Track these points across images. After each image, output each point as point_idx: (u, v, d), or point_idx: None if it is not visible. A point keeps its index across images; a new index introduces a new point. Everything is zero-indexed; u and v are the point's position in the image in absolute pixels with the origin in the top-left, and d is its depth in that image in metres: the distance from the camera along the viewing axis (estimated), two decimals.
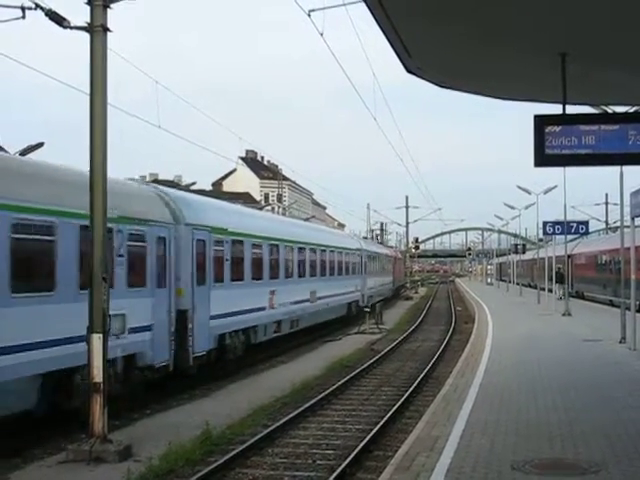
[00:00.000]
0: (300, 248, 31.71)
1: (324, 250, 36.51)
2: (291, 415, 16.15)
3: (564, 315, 37.38)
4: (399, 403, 17.43)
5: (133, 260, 17.23)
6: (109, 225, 14.23)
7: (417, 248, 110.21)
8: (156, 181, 64.18)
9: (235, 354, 23.10)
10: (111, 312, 13.58)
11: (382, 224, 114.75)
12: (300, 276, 31.64)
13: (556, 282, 48.70)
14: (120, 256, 16.54)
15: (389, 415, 16.07)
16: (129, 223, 17.05)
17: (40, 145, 22.84)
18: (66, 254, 14.55)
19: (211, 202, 26.02)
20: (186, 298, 19.60)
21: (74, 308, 14.04)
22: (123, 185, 18.67)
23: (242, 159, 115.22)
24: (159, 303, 18.29)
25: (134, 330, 16.84)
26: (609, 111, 16.00)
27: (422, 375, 21.83)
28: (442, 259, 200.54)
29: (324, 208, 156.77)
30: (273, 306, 27.03)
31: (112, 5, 13.31)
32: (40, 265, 14.40)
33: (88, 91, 13.36)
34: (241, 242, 24.20)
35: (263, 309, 25.95)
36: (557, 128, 11.23)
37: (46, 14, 13.00)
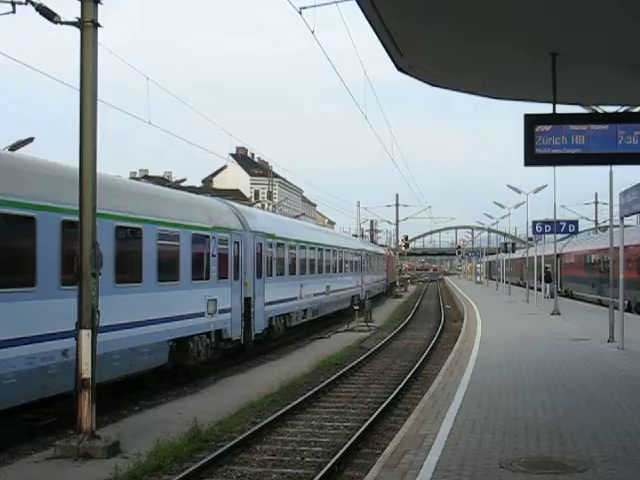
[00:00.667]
0: (319, 249, 37.86)
1: (335, 251, 42.51)
2: (279, 412, 16.15)
3: (553, 314, 37.45)
4: (387, 401, 17.45)
5: (220, 259, 22.73)
6: (207, 233, 21.62)
7: (407, 246, 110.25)
8: (146, 177, 64.06)
9: (278, 334, 29.06)
10: (208, 298, 21.35)
11: (372, 222, 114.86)
12: (319, 273, 37.54)
13: (546, 281, 49.11)
14: (213, 256, 22.10)
15: (377, 413, 16.08)
16: (219, 232, 22.77)
17: (30, 140, 22.77)
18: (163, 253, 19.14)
19: (263, 213, 34.81)
20: (250, 288, 25.28)
21: (185, 294, 20.25)
22: (213, 203, 24.99)
23: (232, 156, 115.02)
24: (235, 292, 23.96)
25: (221, 311, 22.51)
26: (599, 111, 16.04)
27: (411, 373, 21.87)
28: (432, 257, 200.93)
29: (314, 205, 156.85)
30: (302, 297, 32.94)
31: (102, 0, 13.28)
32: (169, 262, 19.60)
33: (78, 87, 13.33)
34: (282, 245, 30.22)
35: (295, 299, 31.87)
36: (547, 127, 11.26)
37: (36, 9, 12.96)
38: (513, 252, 73.68)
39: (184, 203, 21.77)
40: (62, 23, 13.23)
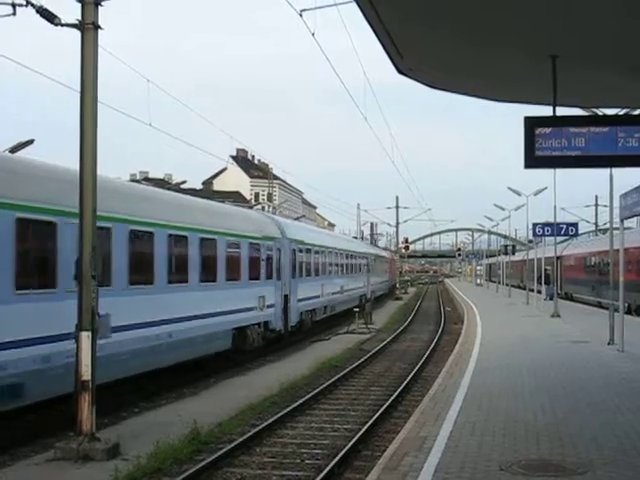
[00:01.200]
0: (335, 253, 43.08)
1: (348, 255, 48.00)
2: (279, 414, 16.15)
3: (553, 316, 37.44)
4: (387, 403, 17.45)
5: (267, 262, 27.69)
6: (258, 241, 26.77)
7: (407, 248, 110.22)
8: (147, 179, 64.09)
9: (307, 326, 34.03)
10: (259, 295, 26.36)
11: (372, 224, 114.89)
12: (335, 274, 42.62)
13: (540, 283, 49.26)
14: (262, 260, 27.11)
15: (377, 415, 16.08)
16: (266, 240, 27.76)
17: (30, 142, 22.77)
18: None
19: (295, 223, 41.47)
20: (287, 287, 30.18)
21: (245, 291, 25.22)
22: (261, 216, 31.42)
23: (233, 158, 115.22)
24: (277, 290, 28.92)
25: (268, 306, 27.44)
26: (599, 113, 16.05)
27: (411, 375, 21.87)
28: (432, 259, 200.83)
29: (314, 208, 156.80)
30: (323, 295, 37.80)
31: (103, 3, 13.28)
32: (234, 265, 24.47)
33: (79, 89, 13.33)
34: (309, 250, 35.26)
35: (319, 297, 36.86)
36: (547, 130, 11.27)
37: (37, 11, 12.96)
38: (513, 254, 73.68)
39: (243, 218, 27.54)
40: (63, 25, 13.23)
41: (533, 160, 11.32)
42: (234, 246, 24.29)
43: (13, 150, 20.85)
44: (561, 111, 12.23)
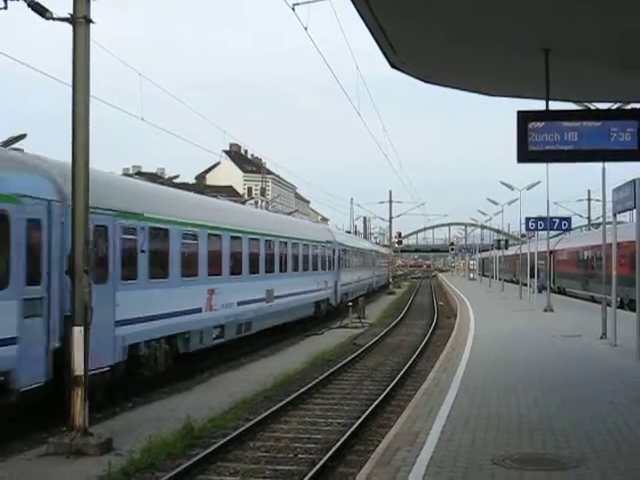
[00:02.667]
0: (357, 252, 56.07)
1: (363, 252, 61.30)
2: (273, 409, 16.15)
3: (546, 311, 37.52)
4: (380, 397, 17.46)
5: (328, 258, 41.10)
6: (323, 244, 40.47)
7: (400, 243, 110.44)
8: (139, 174, 63.91)
9: (345, 304, 42.19)
10: (325, 280, 39.43)
11: (365, 218, 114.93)
12: (357, 267, 54.85)
13: (532, 277, 49.57)
14: (326, 257, 40.29)
15: (370, 409, 16.09)
16: (327, 243, 41.34)
17: (22, 137, 22.67)
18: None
19: (339, 231, 62.72)
20: (336, 275, 42.71)
21: (320, 277, 38.42)
22: (322, 226, 51.22)
23: (226, 152, 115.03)
24: (332, 277, 41.78)
25: (328, 288, 40.31)
26: (591, 107, 16.05)
27: (404, 370, 21.89)
28: (425, 254, 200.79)
29: (307, 202, 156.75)
30: (352, 282, 50.22)
31: None
32: (315, 259, 38.07)
33: (70, 83, 13.30)
34: (346, 250, 48.92)
35: (351, 283, 49.61)
36: (540, 124, 11.27)
37: (28, 5, 12.92)
38: (506, 249, 73.78)
39: (314, 228, 44.06)
40: (54, 19, 13.20)
41: (526, 154, 11.32)
42: (312, 247, 37.23)
43: (5, 144, 20.76)
44: (554, 105, 12.24)
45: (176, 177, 41.29)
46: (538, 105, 12.82)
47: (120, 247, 17.08)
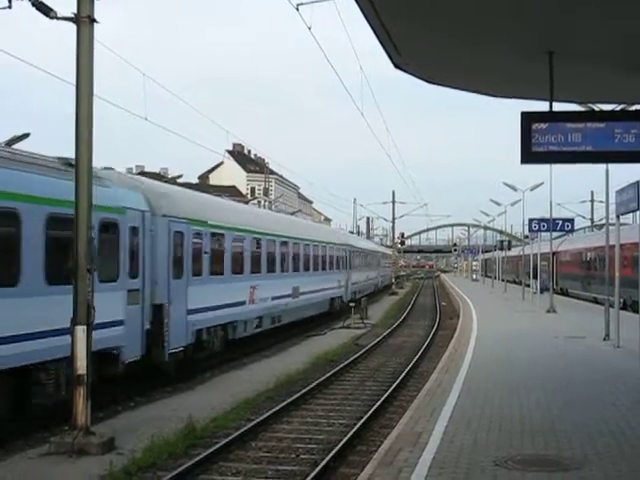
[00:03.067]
0: (364, 253, 59.82)
1: (374, 254, 68.46)
2: (275, 409, 16.14)
3: (549, 312, 37.50)
4: (383, 398, 17.45)
5: (342, 259, 44.90)
6: (337, 246, 44.08)
7: (403, 243, 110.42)
8: (142, 173, 63.93)
9: (354, 299, 44.40)
10: (337, 279, 42.55)
11: (368, 219, 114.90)
12: (365, 268, 58.93)
13: (533, 278, 49.82)
14: (340, 257, 43.53)
15: (373, 410, 16.08)
16: (341, 245, 44.81)
17: (26, 136, 22.71)
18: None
19: (352, 235, 72.12)
20: (347, 275, 46.50)
21: (330, 277, 41.52)
22: (339, 230, 66.28)
23: (229, 152, 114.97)
24: (344, 276, 45.16)
25: (340, 287, 43.35)
26: (595, 109, 16.03)
27: (406, 370, 21.87)
28: (428, 255, 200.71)
29: (310, 202, 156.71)
30: (360, 282, 54.10)
31: None
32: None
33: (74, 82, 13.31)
34: (357, 251, 54.34)
35: (359, 282, 53.21)
36: (544, 125, 11.26)
37: (33, 4, 12.93)
38: (509, 250, 73.72)
39: (330, 231, 50.54)
40: (58, 18, 13.21)
41: (529, 155, 11.31)
42: (329, 249, 40.76)
43: (9, 143, 20.78)
44: (558, 106, 12.22)
45: (179, 177, 41.40)
46: (542, 106, 12.79)
47: (191, 249, 20.81)
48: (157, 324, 18.43)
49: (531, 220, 40.22)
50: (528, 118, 11.30)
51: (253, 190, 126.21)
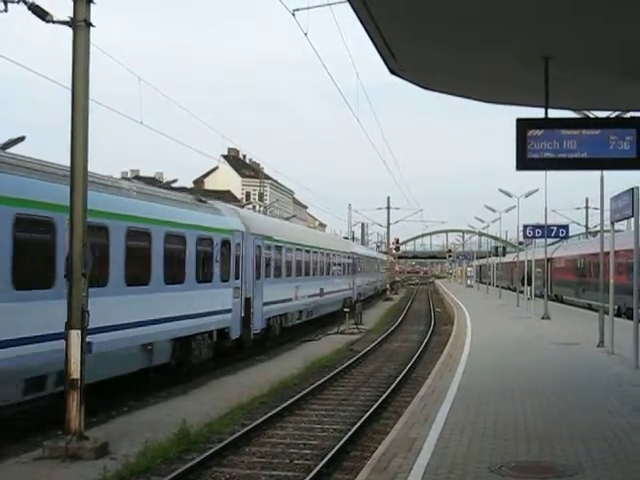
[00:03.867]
0: (367, 258, 67.34)
1: (371, 259, 72.99)
2: (269, 414, 16.13)
3: (543, 318, 37.52)
4: (377, 404, 17.44)
5: (350, 265, 52.16)
6: (347, 253, 51.72)
7: (397, 249, 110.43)
8: (137, 177, 63.93)
9: (360, 300, 53.06)
10: (347, 282, 50.44)
11: (363, 224, 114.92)
12: (367, 272, 66.03)
13: (527, 284, 50.84)
14: (349, 263, 51.71)
15: (367, 416, 16.07)
16: (349, 253, 52.89)
17: (21, 139, 22.68)
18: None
19: (356, 244, 76.36)
20: (353, 278, 52.72)
21: (344, 280, 49.91)
22: (346, 240, 69.98)
23: (224, 157, 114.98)
24: (351, 280, 51.65)
25: (350, 289, 50.91)
26: (590, 116, 16.06)
27: (401, 376, 21.87)
28: (422, 260, 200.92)
29: (305, 207, 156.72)
30: (363, 285, 59.90)
31: (95, 0, 13.24)
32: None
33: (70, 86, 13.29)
34: (361, 258, 59.69)
35: (362, 285, 59.24)
36: (539, 132, 11.28)
37: (29, 8, 12.91)
38: (504, 256, 73.78)
39: (344, 242, 57.47)
40: (54, 22, 13.19)
41: (525, 162, 11.32)
42: (342, 257, 48.54)
43: (4, 147, 20.76)
44: (553, 113, 12.25)
45: (174, 181, 41.29)
46: (537, 113, 12.83)
47: (264, 257, 28.41)
48: (247, 313, 25.78)
49: (526, 226, 40.25)
50: (523, 125, 11.32)
51: (248, 195, 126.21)
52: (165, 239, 19.50)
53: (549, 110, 11.80)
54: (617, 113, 15.57)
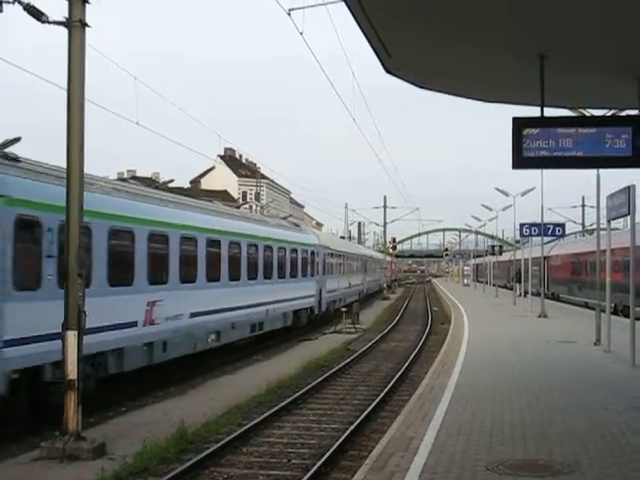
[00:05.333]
0: (373, 260, 78.71)
1: (375, 260, 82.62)
2: (266, 414, 16.12)
3: (540, 317, 37.56)
4: (374, 403, 17.44)
5: (360, 265, 63.50)
6: (357, 257, 63.64)
7: (394, 248, 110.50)
8: (134, 178, 63.87)
9: (369, 295, 69.28)
10: (360, 279, 62.52)
11: (360, 224, 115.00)
12: (374, 271, 77.58)
13: (517, 282, 52.00)
14: (359, 265, 63.07)
15: (364, 415, 16.07)
16: (361, 256, 66.34)
17: (17, 140, 22.60)
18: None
19: (363, 246, 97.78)
20: (364, 275, 65.95)
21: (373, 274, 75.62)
22: (367, 248, 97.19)
23: (220, 157, 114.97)
24: (364, 277, 65.12)
25: (361, 284, 62.53)
26: (586, 114, 16.08)
27: (398, 375, 21.86)
28: (419, 259, 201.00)
29: (302, 207, 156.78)
30: (365, 282, 66.16)
31: (91, 0, 13.24)
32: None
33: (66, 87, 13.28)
34: (365, 260, 68.19)
35: (371, 281, 72.19)
36: (535, 131, 11.30)
37: (24, 8, 12.90)
38: (500, 255, 73.85)
39: (357, 247, 75.91)
40: (50, 23, 13.18)
41: (521, 161, 11.34)
42: (357, 259, 60.92)
43: (1, 147, 20.71)
44: (549, 112, 12.26)
45: (171, 181, 41.21)
46: (533, 112, 12.84)
47: (324, 260, 41.10)
48: (318, 298, 38.77)
49: (522, 225, 40.29)
50: (519, 123, 11.34)
51: (245, 195, 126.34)
52: (290, 252, 33.59)
53: (545, 109, 11.82)
54: (613, 111, 15.59)
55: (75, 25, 13.08)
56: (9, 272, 13.69)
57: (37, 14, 13.07)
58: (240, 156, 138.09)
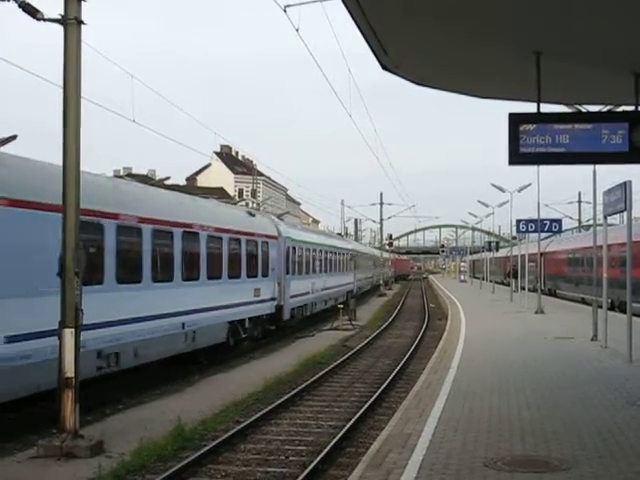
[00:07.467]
0: (376, 256, 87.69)
1: (377, 256, 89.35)
2: (264, 411, 16.12)
3: (537, 313, 37.58)
4: (372, 400, 17.45)
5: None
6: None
7: (391, 245, 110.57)
8: (130, 175, 63.84)
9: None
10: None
11: (356, 220, 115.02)
12: (375, 266, 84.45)
13: (513, 277, 52.69)
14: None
15: (362, 412, 16.07)
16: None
17: (13, 138, 22.58)
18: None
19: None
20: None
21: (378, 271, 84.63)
22: (371, 247, 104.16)
23: (217, 154, 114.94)
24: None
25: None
26: (583, 110, 16.07)
27: (395, 372, 21.87)
28: (416, 256, 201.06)
29: (298, 204, 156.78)
30: (370, 277, 76.25)
31: None
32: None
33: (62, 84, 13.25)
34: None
35: (367, 278, 74.84)
36: (531, 127, 11.29)
37: (19, 5, 12.85)
38: (497, 251, 73.91)
39: (366, 246, 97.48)
40: (45, 20, 13.13)
41: (517, 157, 11.33)
42: (370, 258, 77.73)
43: None
44: (545, 108, 12.25)
45: (167, 179, 41.29)
46: (529, 108, 12.83)
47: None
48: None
49: (519, 221, 40.26)
50: (516, 119, 11.33)
51: (241, 192, 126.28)
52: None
53: (541, 105, 11.81)
54: (609, 107, 15.58)
55: (71, 22, 13.04)
56: None
57: (32, 11, 13.02)
58: (236, 153, 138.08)
